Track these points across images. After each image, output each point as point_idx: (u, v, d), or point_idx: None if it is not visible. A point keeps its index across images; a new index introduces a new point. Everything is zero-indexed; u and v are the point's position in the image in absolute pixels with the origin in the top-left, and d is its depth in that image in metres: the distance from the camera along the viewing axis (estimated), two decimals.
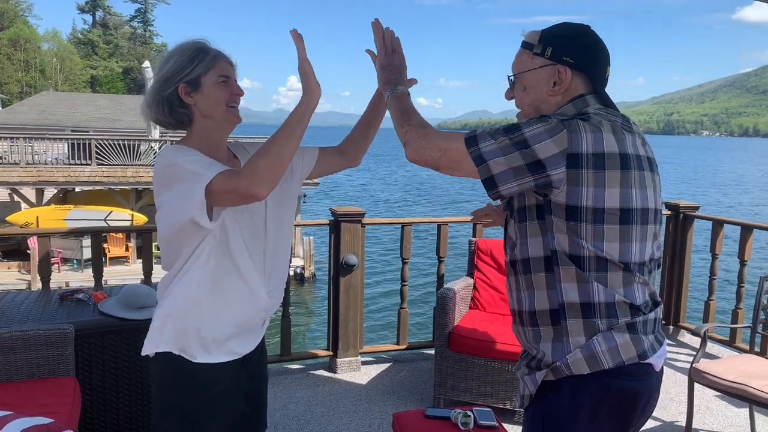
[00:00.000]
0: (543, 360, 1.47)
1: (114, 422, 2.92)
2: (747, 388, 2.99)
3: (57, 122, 27.36)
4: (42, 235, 3.75)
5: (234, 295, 1.66)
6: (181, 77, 1.63)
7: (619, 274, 1.41)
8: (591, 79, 1.51)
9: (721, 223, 4.70)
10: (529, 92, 1.54)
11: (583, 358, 1.41)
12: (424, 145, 1.47)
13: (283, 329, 4.19)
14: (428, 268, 17.17)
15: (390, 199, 37.63)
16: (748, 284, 4.60)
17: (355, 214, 4.12)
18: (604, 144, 1.36)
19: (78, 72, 69.08)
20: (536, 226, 1.44)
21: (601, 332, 1.41)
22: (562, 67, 1.49)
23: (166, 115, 1.66)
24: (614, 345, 1.41)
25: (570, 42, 1.50)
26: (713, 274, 4.76)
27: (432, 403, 3.68)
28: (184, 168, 1.51)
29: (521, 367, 1.57)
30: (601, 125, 1.38)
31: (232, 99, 1.68)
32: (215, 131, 1.69)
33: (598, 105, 1.49)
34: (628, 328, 1.42)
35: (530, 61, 1.53)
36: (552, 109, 1.51)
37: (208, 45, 1.69)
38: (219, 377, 1.69)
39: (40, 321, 2.86)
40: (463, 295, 3.84)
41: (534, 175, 1.36)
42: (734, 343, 4.51)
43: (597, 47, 1.52)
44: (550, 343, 1.45)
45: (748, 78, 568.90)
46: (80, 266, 17.74)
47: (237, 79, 1.71)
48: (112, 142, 18.70)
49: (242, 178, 1.47)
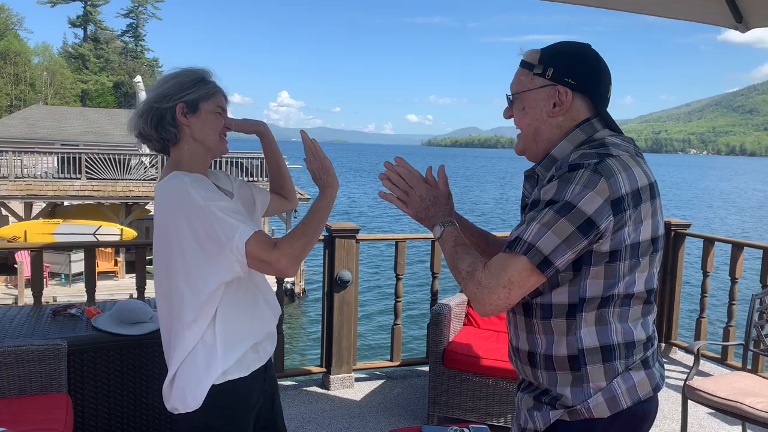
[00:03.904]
0: (560, 401, 1.42)
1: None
2: (740, 405, 3.00)
3: (47, 136, 27.26)
4: (35, 249, 3.71)
5: (256, 308, 1.78)
6: (181, 97, 1.68)
7: (639, 306, 1.41)
8: (593, 100, 1.46)
9: (712, 241, 4.74)
10: (528, 112, 1.49)
11: (604, 401, 1.39)
12: (486, 295, 1.34)
13: (276, 346, 4.16)
14: (421, 285, 17.18)
15: (373, 213, 37.71)
16: (739, 302, 4.64)
17: (349, 230, 4.12)
18: (637, 179, 1.35)
19: (68, 86, 68.91)
20: (569, 277, 1.38)
21: (620, 374, 1.40)
22: (563, 88, 1.44)
23: (152, 128, 1.69)
24: (632, 384, 1.40)
25: (571, 62, 1.45)
26: (704, 292, 4.79)
27: (426, 419, 3.66)
28: (217, 217, 1.55)
29: (525, 398, 1.51)
30: (628, 160, 1.36)
31: (224, 130, 1.77)
32: (203, 157, 1.76)
33: (607, 131, 1.46)
34: (643, 365, 1.43)
35: (530, 81, 1.48)
36: (552, 130, 1.47)
37: (210, 75, 1.77)
38: (253, 387, 1.77)
39: (33, 336, 2.83)
40: (457, 312, 3.84)
41: (586, 236, 1.31)
42: (726, 361, 4.53)
43: (599, 68, 1.48)
44: (568, 387, 1.41)
45: (734, 97, 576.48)
46: (68, 281, 17.58)
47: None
48: (102, 156, 18.66)
49: (282, 255, 1.57)
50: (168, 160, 1.77)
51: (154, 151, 1.78)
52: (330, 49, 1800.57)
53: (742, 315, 4.69)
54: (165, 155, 1.78)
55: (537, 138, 1.49)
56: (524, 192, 1.59)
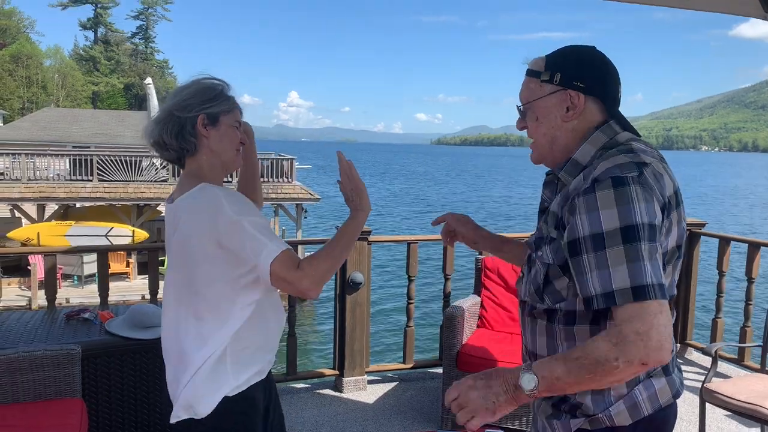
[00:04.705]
0: (580, 409, 1.39)
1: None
2: (760, 408, 2.96)
3: (58, 138, 27.45)
4: (48, 253, 3.72)
5: (274, 313, 1.76)
6: (203, 108, 1.68)
7: None
8: (605, 102, 1.44)
9: (728, 240, 4.68)
10: (542, 122, 1.46)
11: (625, 409, 1.36)
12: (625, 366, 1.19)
13: (289, 348, 4.16)
14: (429, 284, 17.12)
15: (381, 213, 37.74)
16: (757, 301, 4.58)
17: (361, 232, 4.10)
18: (668, 186, 1.33)
19: (79, 88, 69.46)
20: None
21: (642, 381, 1.37)
22: (574, 92, 1.42)
23: (172, 137, 1.68)
24: (653, 391, 1.38)
25: (579, 65, 1.43)
26: (720, 292, 4.74)
27: (440, 423, 3.64)
28: (247, 232, 1.54)
29: (543, 405, 1.48)
30: (658, 167, 1.34)
31: (240, 145, 1.77)
32: (220, 170, 1.75)
33: (627, 134, 1.44)
34: (664, 372, 1.40)
35: (539, 89, 1.45)
36: (569, 135, 1.44)
37: (228, 89, 1.76)
38: (262, 391, 1.76)
39: (47, 341, 2.84)
40: (471, 314, 3.82)
41: (660, 243, 1.27)
42: (743, 362, 4.48)
43: (607, 68, 1.46)
44: (589, 395, 1.38)
45: (746, 93, 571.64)
46: (81, 282, 17.69)
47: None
48: (113, 158, 18.75)
49: (305, 276, 1.55)
50: (184, 172, 1.76)
51: (166, 160, 1.76)
52: (338, 50, 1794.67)
53: (758, 316, 4.64)
54: (178, 166, 1.76)
55: (554, 146, 1.46)
56: (543, 197, 1.56)
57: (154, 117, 1.72)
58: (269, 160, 19.96)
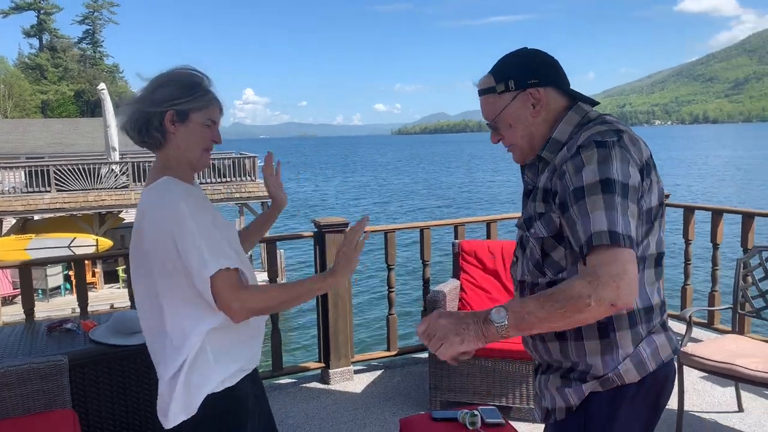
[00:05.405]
0: (590, 372, 1.46)
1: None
2: (734, 366, 3.10)
3: (11, 150, 26.59)
4: (24, 266, 3.65)
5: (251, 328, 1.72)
6: (173, 104, 1.61)
7: (653, 270, 1.47)
8: (560, 86, 1.53)
9: (692, 209, 4.84)
10: (516, 126, 1.53)
11: (633, 366, 1.44)
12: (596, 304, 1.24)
13: (273, 345, 4.17)
14: (411, 274, 17.18)
15: (343, 206, 37.75)
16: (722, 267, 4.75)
17: (339, 224, 4.12)
18: (644, 150, 1.44)
19: (28, 97, 67.30)
20: None
21: (644, 338, 1.46)
22: (532, 89, 1.49)
23: (135, 131, 1.63)
24: (655, 347, 1.47)
25: (525, 66, 1.52)
26: (687, 260, 4.90)
27: (428, 405, 3.70)
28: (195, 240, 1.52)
29: (551, 378, 1.54)
30: (633, 134, 1.44)
31: (210, 144, 1.70)
32: (189, 167, 1.70)
33: (596, 111, 1.53)
34: (662, 328, 1.50)
35: (501, 101, 1.52)
36: (542, 126, 1.51)
37: (209, 84, 1.69)
38: (248, 388, 1.74)
39: (31, 354, 2.80)
40: (451, 297, 3.88)
41: (638, 204, 1.37)
42: (713, 325, 4.64)
43: (549, 59, 1.54)
44: (598, 356, 1.45)
45: (694, 67, 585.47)
46: (45, 296, 17.25)
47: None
48: (70, 166, 18.27)
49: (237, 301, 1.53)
50: (153, 162, 1.71)
51: (137, 144, 1.70)
52: (292, 43, 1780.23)
53: (724, 280, 4.81)
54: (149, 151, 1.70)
55: (533, 141, 1.54)
56: (526, 180, 1.61)
57: (125, 104, 1.66)
58: (230, 159, 19.71)
